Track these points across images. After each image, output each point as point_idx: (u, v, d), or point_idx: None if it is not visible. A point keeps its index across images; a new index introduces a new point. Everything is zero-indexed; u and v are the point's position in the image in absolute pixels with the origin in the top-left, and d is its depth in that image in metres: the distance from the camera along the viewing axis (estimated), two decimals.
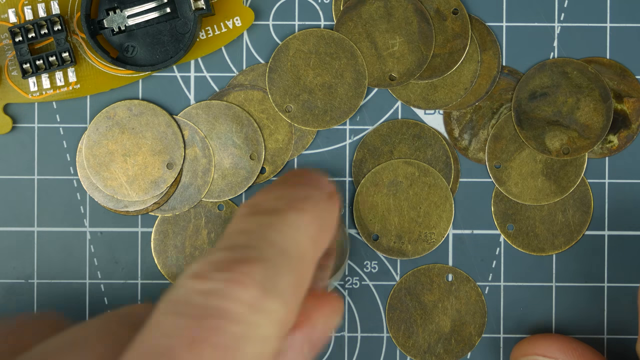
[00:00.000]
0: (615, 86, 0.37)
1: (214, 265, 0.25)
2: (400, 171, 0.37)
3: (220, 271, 0.25)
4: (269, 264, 0.26)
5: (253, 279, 0.25)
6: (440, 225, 0.37)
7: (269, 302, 0.25)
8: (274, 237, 0.27)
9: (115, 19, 0.36)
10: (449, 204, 0.37)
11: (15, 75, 0.37)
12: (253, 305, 0.25)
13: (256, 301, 0.25)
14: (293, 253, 0.27)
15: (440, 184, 0.37)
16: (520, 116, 0.37)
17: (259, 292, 0.25)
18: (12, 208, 0.37)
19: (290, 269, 0.26)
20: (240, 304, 0.25)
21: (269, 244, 0.26)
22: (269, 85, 0.37)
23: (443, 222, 0.37)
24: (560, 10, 0.37)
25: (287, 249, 0.26)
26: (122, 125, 0.37)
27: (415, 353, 0.37)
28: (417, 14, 0.37)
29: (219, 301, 0.24)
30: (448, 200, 0.37)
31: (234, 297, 0.25)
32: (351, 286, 0.37)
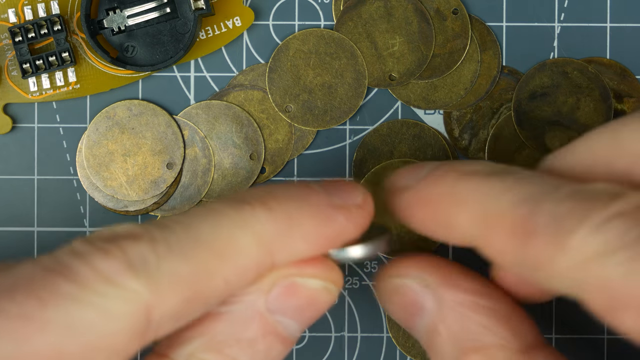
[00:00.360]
0: (615, 86, 0.37)
1: (107, 234, 0.26)
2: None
3: (103, 239, 0.26)
4: (160, 244, 0.26)
5: (123, 252, 0.25)
6: None
7: (128, 280, 0.25)
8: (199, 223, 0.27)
9: (115, 19, 0.36)
10: None
11: (15, 75, 0.37)
12: (105, 275, 0.25)
13: (111, 273, 0.25)
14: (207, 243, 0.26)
15: None
16: (520, 116, 0.37)
17: (121, 266, 0.25)
18: (12, 208, 0.37)
19: (192, 257, 0.26)
20: (90, 269, 0.25)
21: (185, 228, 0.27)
22: (269, 85, 0.37)
23: None
24: (560, 10, 0.37)
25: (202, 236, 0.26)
26: (122, 125, 0.37)
27: (415, 353, 0.37)
28: (417, 14, 0.37)
29: (73, 261, 0.25)
30: None
31: (89, 262, 0.25)
32: (351, 286, 0.37)
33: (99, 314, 0.25)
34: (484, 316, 0.30)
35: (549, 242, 0.25)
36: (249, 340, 0.29)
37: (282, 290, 0.29)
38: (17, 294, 0.24)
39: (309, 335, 0.37)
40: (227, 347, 0.29)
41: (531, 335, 0.30)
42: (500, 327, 0.29)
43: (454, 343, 0.30)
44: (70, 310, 0.24)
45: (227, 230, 0.27)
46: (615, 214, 0.25)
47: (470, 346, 0.29)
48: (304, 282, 0.29)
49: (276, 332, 0.29)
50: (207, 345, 0.29)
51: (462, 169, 0.29)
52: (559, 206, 0.26)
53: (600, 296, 0.25)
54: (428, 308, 0.30)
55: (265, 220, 0.27)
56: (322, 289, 0.30)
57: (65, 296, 0.24)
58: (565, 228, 0.25)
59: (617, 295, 0.24)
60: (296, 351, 0.37)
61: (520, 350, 0.29)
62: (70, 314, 0.24)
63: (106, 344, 0.25)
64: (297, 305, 0.30)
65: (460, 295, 0.30)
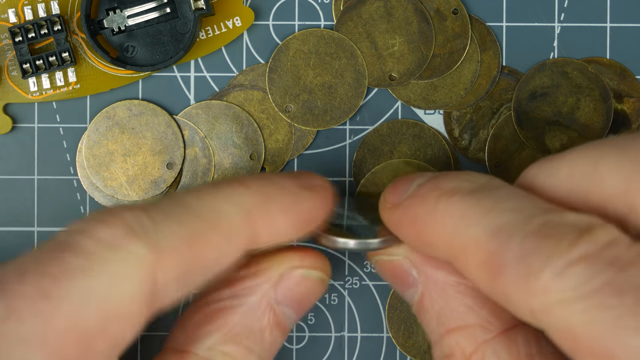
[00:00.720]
0: (615, 86, 0.37)
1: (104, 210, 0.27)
2: (400, 170, 0.37)
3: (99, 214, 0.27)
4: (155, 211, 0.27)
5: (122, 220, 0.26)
6: None
7: (130, 243, 0.26)
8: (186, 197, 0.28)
9: (115, 19, 0.36)
10: None
11: (15, 75, 0.37)
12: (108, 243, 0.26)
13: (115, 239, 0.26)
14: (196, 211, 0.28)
15: None
16: (520, 116, 0.37)
17: (122, 231, 0.26)
18: (12, 208, 0.37)
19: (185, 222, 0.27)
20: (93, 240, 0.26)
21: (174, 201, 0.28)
22: (269, 85, 0.37)
23: None
24: (560, 10, 0.37)
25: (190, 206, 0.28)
26: (122, 125, 0.37)
27: (415, 353, 0.37)
28: (417, 14, 0.37)
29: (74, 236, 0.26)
30: None
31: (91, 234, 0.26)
32: (351, 286, 0.37)
33: (108, 281, 0.25)
34: (466, 296, 0.31)
35: (515, 281, 0.26)
36: (260, 330, 0.31)
37: (289, 282, 0.31)
38: (27, 276, 0.25)
39: (309, 335, 0.37)
40: (243, 339, 0.31)
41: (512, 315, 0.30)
42: (482, 307, 0.30)
43: (438, 319, 0.31)
44: (82, 281, 0.25)
45: (212, 200, 0.28)
46: (580, 257, 0.25)
47: (452, 325, 0.30)
48: (308, 273, 0.32)
49: (280, 323, 0.32)
50: (225, 338, 0.30)
51: (444, 186, 0.30)
52: (527, 243, 0.26)
53: (563, 338, 0.25)
54: (415, 284, 0.31)
55: (243, 193, 0.29)
56: (320, 280, 0.32)
57: (75, 269, 0.25)
58: (530, 269, 0.26)
59: (578, 341, 0.25)
60: (296, 351, 0.37)
61: (500, 331, 0.30)
62: (82, 286, 0.25)
63: (119, 311, 0.25)
64: (299, 296, 0.32)
65: (444, 274, 0.31)
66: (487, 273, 0.27)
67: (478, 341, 0.30)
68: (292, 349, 0.37)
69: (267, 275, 0.32)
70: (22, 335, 0.24)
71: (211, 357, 0.30)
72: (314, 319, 0.37)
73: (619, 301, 0.24)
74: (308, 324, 0.37)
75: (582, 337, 0.25)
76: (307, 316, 0.37)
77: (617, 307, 0.24)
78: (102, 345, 0.25)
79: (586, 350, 0.25)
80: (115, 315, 0.25)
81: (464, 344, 0.30)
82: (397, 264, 0.32)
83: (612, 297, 0.24)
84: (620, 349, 0.24)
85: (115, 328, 0.26)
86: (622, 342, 0.24)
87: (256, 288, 0.31)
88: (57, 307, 0.25)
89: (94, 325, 0.25)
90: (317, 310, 0.37)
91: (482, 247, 0.27)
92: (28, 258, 0.26)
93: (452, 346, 0.30)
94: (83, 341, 0.25)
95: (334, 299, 0.37)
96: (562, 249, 0.25)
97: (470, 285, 0.31)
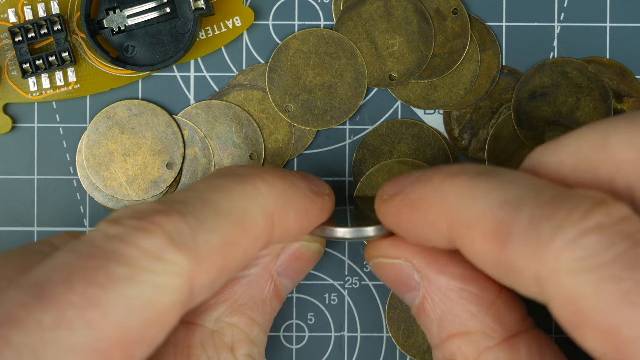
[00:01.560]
0: (615, 86, 0.37)
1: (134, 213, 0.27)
2: (395, 171, 0.37)
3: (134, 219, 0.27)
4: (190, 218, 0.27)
5: (162, 229, 0.27)
6: None
7: (172, 254, 0.26)
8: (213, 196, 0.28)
9: (115, 19, 0.36)
10: None
11: (15, 75, 0.37)
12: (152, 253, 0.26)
13: (157, 250, 0.26)
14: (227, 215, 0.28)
15: None
16: (520, 116, 0.37)
17: (164, 242, 0.26)
18: (12, 208, 0.37)
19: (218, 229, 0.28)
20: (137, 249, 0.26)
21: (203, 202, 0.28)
22: (269, 85, 0.37)
23: None
24: (560, 10, 0.37)
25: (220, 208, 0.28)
26: (122, 125, 0.37)
27: (415, 353, 0.37)
28: (417, 14, 0.37)
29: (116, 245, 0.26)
30: None
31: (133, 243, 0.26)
32: (351, 286, 0.37)
33: (152, 291, 0.26)
34: (469, 302, 0.30)
35: (524, 250, 0.26)
36: (262, 301, 0.32)
37: (290, 254, 0.33)
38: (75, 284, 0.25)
39: (309, 335, 0.37)
40: (247, 310, 0.32)
41: (516, 321, 0.30)
42: (485, 314, 0.30)
43: (439, 324, 0.31)
44: (128, 291, 0.25)
45: (240, 203, 0.29)
46: (594, 227, 0.25)
47: (454, 331, 0.30)
48: (308, 246, 0.33)
49: (279, 293, 0.33)
50: (231, 309, 0.31)
51: (449, 170, 0.29)
52: (538, 212, 0.26)
53: (567, 310, 0.25)
54: (416, 288, 0.31)
55: (267, 194, 0.29)
56: (318, 252, 0.34)
57: (121, 279, 0.25)
58: (541, 237, 0.25)
59: (583, 314, 0.24)
60: (296, 351, 0.37)
61: (503, 339, 0.30)
62: (128, 295, 0.25)
63: (160, 318, 0.26)
64: (298, 268, 0.33)
65: (447, 280, 0.31)
66: (493, 243, 0.26)
67: (480, 348, 0.30)
68: (292, 349, 0.37)
69: (269, 248, 0.32)
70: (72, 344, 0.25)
71: (218, 329, 0.31)
72: (314, 319, 0.37)
73: (631, 275, 0.24)
74: (308, 324, 0.37)
75: (587, 310, 0.24)
76: (307, 316, 0.37)
77: (628, 281, 0.24)
78: (141, 350, 0.26)
79: (590, 324, 0.24)
80: (155, 322, 0.26)
81: (466, 350, 0.30)
82: (398, 268, 0.32)
83: (624, 271, 0.24)
84: (626, 326, 0.24)
85: (153, 334, 0.26)
86: (629, 318, 0.23)
87: (259, 260, 0.32)
88: (105, 316, 0.25)
89: (136, 333, 0.26)
90: (317, 310, 0.37)
91: (489, 218, 0.27)
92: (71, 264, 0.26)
93: (453, 352, 0.30)
94: (127, 348, 0.25)
95: (334, 299, 0.37)
96: (576, 218, 0.25)
97: (474, 292, 0.30)
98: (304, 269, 0.33)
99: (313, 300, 0.37)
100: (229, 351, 0.31)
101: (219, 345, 0.31)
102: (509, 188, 0.27)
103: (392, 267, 0.32)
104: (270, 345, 0.37)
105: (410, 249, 0.32)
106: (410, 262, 0.31)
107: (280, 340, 0.37)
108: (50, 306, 0.25)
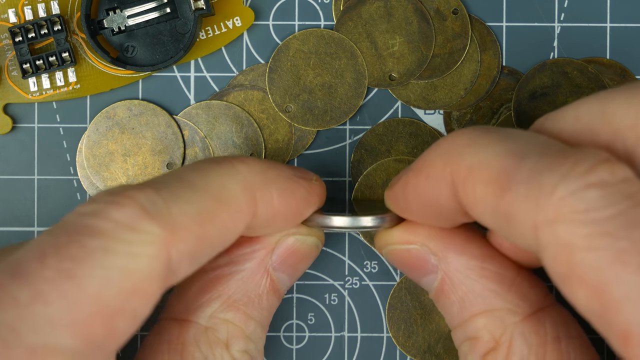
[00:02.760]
0: (615, 86, 0.37)
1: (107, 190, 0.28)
2: (392, 170, 0.37)
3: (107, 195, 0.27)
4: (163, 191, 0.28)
5: (135, 200, 0.27)
6: None
7: (145, 223, 0.26)
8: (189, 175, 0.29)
9: (115, 19, 0.36)
10: None
11: (15, 75, 0.37)
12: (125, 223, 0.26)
13: (130, 220, 0.26)
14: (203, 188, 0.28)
15: None
16: (520, 116, 0.37)
17: (136, 212, 0.27)
18: (12, 208, 0.37)
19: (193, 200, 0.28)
20: (109, 221, 0.26)
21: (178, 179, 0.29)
22: (269, 85, 0.37)
23: None
24: (560, 10, 0.37)
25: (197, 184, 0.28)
26: (122, 125, 0.37)
27: (415, 353, 0.37)
28: (417, 14, 0.37)
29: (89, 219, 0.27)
30: None
31: (105, 215, 0.27)
32: (351, 286, 0.37)
33: (127, 260, 0.26)
34: (490, 281, 0.31)
35: (524, 197, 0.25)
36: (258, 296, 0.32)
37: (285, 248, 0.32)
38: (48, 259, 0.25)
39: (309, 335, 0.37)
40: (242, 305, 0.31)
41: (539, 296, 0.30)
42: (508, 291, 0.30)
43: (461, 305, 0.31)
44: (103, 261, 0.26)
45: (216, 178, 0.29)
46: (597, 182, 0.25)
47: (477, 309, 0.30)
48: (304, 239, 0.33)
49: (276, 288, 0.32)
50: (225, 305, 0.31)
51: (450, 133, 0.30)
52: (542, 162, 0.26)
53: (560, 261, 0.25)
54: (433, 271, 0.31)
55: (246, 172, 0.30)
56: (315, 246, 0.33)
57: (95, 250, 0.26)
58: (543, 186, 0.25)
59: (574, 266, 0.24)
60: (296, 351, 0.37)
61: (528, 314, 0.30)
62: (103, 265, 0.26)
63: (138, 288, 0.26)
64: (295, 262, 0.33)
65: (466, 260, 0.31)
66: (494, 189, 0.26)
67: (506, 324, 0.30)
68: (292, 349, 0.37)
69: (264, 242, 0.32)
70: (50, 317, 0.25)
71: (212, 325, 0.31)
72: (314, 319, 0.37)
73: (627, 235, 0.24)
74: (308, 324, 0.37)
75: (579, 263, 0.24)
76: (307, 316, 0.37)
77: (623, 240, 0.24)
78: (123, 322, 0.26)
79: (580, 277, 0.24)
80: (134, 292, 0.26)
81: (491, 327, 0.30)
82: (413, 252, 0.32)
83: (621, 229, 0.24)
84: (616, 284, 0.23)
85: (134, 305, 0.26)
86: (619, 277, 0.23)
87: (253, 254, 0.32)
88: (81, 287, 0.25)
89: (115, 303, 0.26)
90: (317, 310, 0.37)
91: (493, 164, 0.27)
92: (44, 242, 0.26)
93: (478, 329, 0.30)
94: (107, 319, 0.26)
95: (334, 299, 0.37)
96: (580, 171, 0.25)
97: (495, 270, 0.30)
98: (300, 264, 0.33)
99: (313, 300, 0.37)
100: (224, 347, 0.31)
101: (213, 341, 0.31)
102: (514, 140, 0.27)
103: (407, 253, 0.32)
104: (271, 345, 0.37)
105: (424, 233, 0.32)
106: (426, 245, 0.31)
107: (280, 340, 0.37)
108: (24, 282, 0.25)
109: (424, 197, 0.30)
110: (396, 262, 0.33)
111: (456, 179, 0.28)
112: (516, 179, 0.26)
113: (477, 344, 0.30)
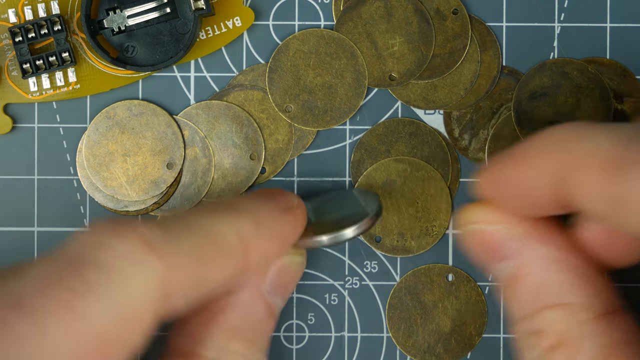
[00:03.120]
0: (615, 86, 0.37)
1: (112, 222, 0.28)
2: (392, 170, 0.37)
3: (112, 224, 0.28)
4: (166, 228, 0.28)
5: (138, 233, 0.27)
6: (440, 217, 0.37)
7: (147, 256, 0.27)
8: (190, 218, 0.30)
9: (115, 19, 0.36)
10: (445, 194, 0.37)
11: (15, 75, 0.37)
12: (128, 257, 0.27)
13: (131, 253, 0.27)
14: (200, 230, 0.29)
15: (434, 176, 0.37)
16: (520, 116, 0.37)
17: (139, 245, 0.27)
18: (12, 208, 0.37)
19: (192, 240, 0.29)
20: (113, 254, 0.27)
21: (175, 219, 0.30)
22: (269, 85, 0.37)
23: (442, 213, 0.37)
24: (560, 10, 0.37)
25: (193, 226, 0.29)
26: (122, 125, 0.37)
27: (415, 353, 0.37)
28: (417, 14, 0.37)
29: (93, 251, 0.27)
30: (444, 191, 0.37)
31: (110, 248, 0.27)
32: (351, 286, 0.37)
33: (127, 292, 0.26)
34: (570, 273, 0.30)
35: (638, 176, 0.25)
36: (258, 323, 0.32)
37: (276, 271, 0.33)
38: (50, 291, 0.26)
39: (309, 335, 0.37)
40: (245, 333, 0.32)
41: (612, 298, 0.30)
42: (584, 286, 0.30)
43: (533, 294, 0.30)
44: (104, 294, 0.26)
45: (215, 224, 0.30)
46: None
47: (550, 302, 0.30)
48: (291, 259, 0.34)
49: (272, 311, 0.33)
50: (230, 336, 0.32)
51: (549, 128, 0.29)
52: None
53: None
54: (512, 256, 0.31)
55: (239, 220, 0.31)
56: (301, 264, 0.34)
57: (97, 283, 0.26)
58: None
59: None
60: (296, 351, 0.37)
61: (600, 313, 0.29)
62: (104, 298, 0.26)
63: (136, 319, 0.27)
64: (286, 282, 0.33)
65: (549, 249, 0.30)
66: (606, 174, 0.26)
67: (577, 320, 0.29)
68: (292, 349, 0.37)
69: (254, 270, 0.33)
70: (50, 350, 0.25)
71: (220, 358, 0.32)
72: (314, 319, 0.37)
73: None
74: (308, 324, 0.37)
75: None
76: (307, 316, 0.37)
77: None
78: (118, 352, 0.26)
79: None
80: (132, 323, 0.27)
81: (560, 322, 0.30)
82: (495, 234, 0.31)
83: None
84: None
85: (130, 335, 0.27)
86: None
87: (247, 282, 0.33)
88: (81, 319, 0.25)
89: (113, 334, 0.26)
90: (317, 310, 0.37)
91: (603, 152, 0.27)
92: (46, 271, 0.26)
93: (547, 322, 0.30)
94: (104, 349, 0.26)
95: (334, 299, 0.37)
96: None
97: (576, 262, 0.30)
98: (290, 284, 0.34)
99: (313, 300, 0.37)
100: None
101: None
102: (619, 128, 0.27)
103: (485, 234, 0.32)
104: (271, 345, 0.37)
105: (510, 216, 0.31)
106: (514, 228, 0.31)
107: (280, 340, 0.37)
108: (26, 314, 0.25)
109: (522, 185, 0.30)
110: (474, 243, 0.32)
111: (564, 169, 0.28)
112: (630, 160, 0.26)
113: (544, 337, 0.30)
